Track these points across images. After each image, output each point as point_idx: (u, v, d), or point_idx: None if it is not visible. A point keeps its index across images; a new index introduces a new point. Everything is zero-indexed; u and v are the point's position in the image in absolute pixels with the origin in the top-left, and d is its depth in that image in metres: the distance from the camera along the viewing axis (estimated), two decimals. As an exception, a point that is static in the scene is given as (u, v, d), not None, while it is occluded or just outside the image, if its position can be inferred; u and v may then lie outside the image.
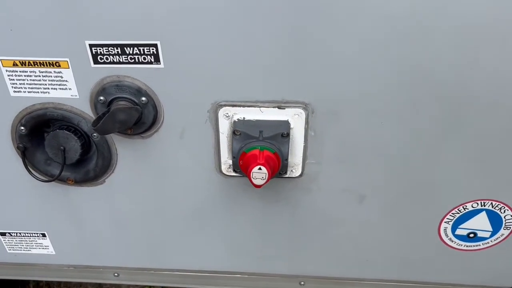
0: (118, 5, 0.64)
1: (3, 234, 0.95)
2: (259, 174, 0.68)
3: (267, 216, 0.88)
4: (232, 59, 0.68)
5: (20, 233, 0.95)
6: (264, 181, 0.69)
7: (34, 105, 0.75)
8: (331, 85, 0.70)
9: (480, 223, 0.86)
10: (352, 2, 0.62)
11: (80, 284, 1.64)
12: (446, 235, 0.88)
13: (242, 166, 0.72)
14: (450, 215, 0.85)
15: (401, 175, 0.80)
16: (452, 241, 0.89)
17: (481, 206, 0.84)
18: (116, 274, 1.02)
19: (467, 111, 0.71)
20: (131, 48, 0.67)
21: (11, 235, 0.95)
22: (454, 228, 0.87)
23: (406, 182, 0.81)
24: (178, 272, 1.00)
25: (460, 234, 0.88)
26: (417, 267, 0.94)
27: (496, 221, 0.86)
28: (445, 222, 0.86)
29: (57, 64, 0.70)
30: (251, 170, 0.68)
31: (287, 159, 0.73)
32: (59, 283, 1.64)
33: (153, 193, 0.86)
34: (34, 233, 0.95)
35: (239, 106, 0.73)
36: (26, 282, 1.62)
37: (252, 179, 0.69)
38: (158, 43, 0.67)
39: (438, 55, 0.66)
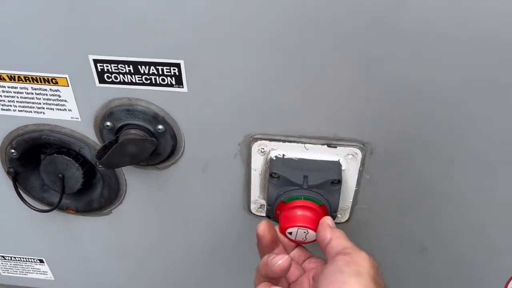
0: (131, 12, 0.49)
1: (-4, 257, 0.84)
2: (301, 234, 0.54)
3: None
4: (273, 83, 0.53)
5: (15, 257, 0.83)
6: (307, 241, 0.55)
7: (26, 126, 0.61)
8: (401, 122, 0.55)
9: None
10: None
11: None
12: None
13: (279, 217, 0.57)
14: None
15: (470, 226, 0.66)
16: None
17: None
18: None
19: None
20: (147, 67, 0.53)
21: (5, 259, 0.83)
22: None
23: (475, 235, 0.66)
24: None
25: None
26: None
27: None
28: (513, 280, 0.72)
29: (53, 81, 0.55)
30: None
31: (336, 211, 0.58)
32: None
33: (167, 228, 0.72)
34: (31, 259, 0.83)
35: (278, 140, 0.58)
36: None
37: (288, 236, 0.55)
38: (182, 62, 0.52)
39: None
